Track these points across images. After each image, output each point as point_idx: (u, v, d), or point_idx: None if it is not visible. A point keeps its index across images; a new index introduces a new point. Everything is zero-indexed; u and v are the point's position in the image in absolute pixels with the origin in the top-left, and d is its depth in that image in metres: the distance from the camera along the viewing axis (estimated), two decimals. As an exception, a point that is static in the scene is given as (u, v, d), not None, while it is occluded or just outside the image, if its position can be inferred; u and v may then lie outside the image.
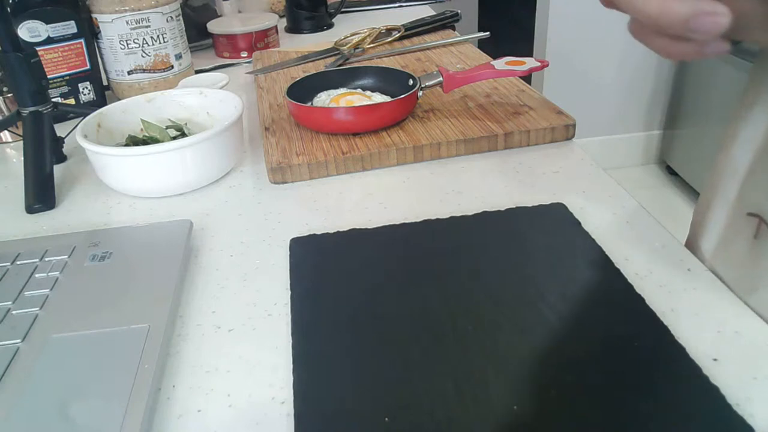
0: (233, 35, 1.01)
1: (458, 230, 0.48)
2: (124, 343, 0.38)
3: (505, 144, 0.61)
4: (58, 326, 0.40)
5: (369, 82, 0.73)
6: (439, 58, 0.88)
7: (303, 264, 0.46)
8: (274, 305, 0.42)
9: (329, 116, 0.63)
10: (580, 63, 2.15)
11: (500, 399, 0.33)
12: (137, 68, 0.84)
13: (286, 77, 0.84)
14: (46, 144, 0.63)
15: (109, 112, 0.64)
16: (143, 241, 0.49)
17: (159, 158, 0.55)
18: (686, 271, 0.42)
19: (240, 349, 0.39)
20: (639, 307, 0.38)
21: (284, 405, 0.34)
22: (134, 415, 0.32)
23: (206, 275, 0.46)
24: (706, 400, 0.32)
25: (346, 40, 0.96)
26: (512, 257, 0.44)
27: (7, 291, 0.43)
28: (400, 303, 0.40)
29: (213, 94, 0.67)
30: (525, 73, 0.66)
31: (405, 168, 0.60)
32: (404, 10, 1.27)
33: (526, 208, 0.50)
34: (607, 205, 0.51)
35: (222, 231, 0.52)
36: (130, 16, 0.80)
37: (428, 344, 0.37)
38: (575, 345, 0.36)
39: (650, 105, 2.28)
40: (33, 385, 0.35)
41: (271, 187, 0.59)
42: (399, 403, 0.33)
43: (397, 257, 0.45)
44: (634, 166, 2.38)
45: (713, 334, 0.36)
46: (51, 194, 0.59)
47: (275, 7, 1.27)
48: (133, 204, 0.58)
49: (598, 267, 0.42)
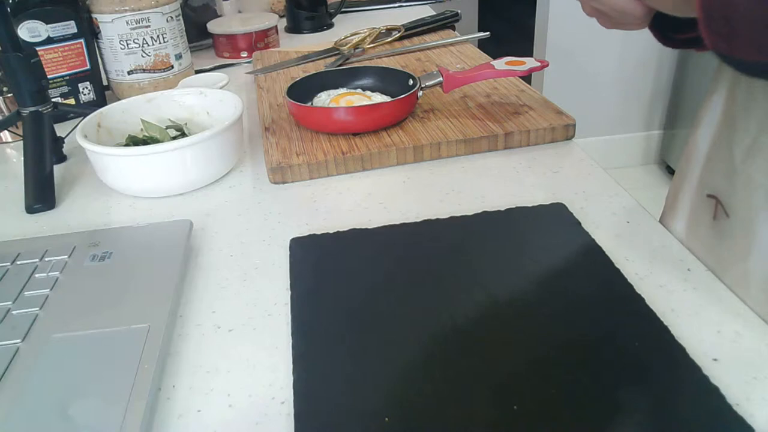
0: (233, 35, 1.01)
1: (458, 230, 0.48)
2: (124, 343, 0.38)
3: (505, 144, 0.61)
4: (58, 326, 0.40)
5: (369, 82, 0.73)
6: (439, 58, 0.88)
7: (303, 264, 0.46)
8: (274, 305, 0.42)
9: (329, 116, 0.63)
10: (580, 63, 2.15)
11: (500, 399, 0.33)
12: (137, 68, 0.84)
13: (286, 77, 0.84)
14: (46, 144, 0.63)
15: (109, 112, 0.64)
16: (143, 241, 0.49)
17: (159, 158, 0.55)
18: (686, 271, 0.42)
19: (240, 349, 0.39)
20: (639, 307, 0.38)
21: (284, 405, 0.34)
22: (134, 415, 0.32)
23: (206, 275, 0.46)
24: (706, 400, 0.32)
25: (346, 40, 0.96)
26: (512, 257, 0.44)
27: (7, 291, 0.43)
28: (400, 303, 0.40)
29: (213, 94, 0.67)
30: (525, 73, 0.66)
31: (405, 168, 0.60)
32: (404, 10, 1.27)
33: (526, 208, 0.50)
34: (607, 205, 0.51)
35: (222, 231, 0.52)
36: (130, 16, 0.80)
37: (428, 344, 0.37)
38: (575, 345, 0.36)
39: (650, 105, 2.28)
40: (33, 385, 0.35)
41: (271, 187, 0.59)
42: (399, 403, 0.33)
43: (397, 257, 0.45)
44: (634, 166, 2.38)
45: (713, 334, 0.36)
46: (51, 194, 0.59)
47: (275, 7, 1.27)
48: (133, 204, 0.58)
49: (598, 267, 0.42)
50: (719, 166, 0.46)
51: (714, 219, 0.46)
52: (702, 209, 0.48)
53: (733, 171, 0.44)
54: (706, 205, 0.47)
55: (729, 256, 0.44)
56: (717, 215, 0.45)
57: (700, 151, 0.49)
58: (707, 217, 0.47)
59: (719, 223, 0.45)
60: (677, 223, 0.51)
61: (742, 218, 0.43)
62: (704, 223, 0.47)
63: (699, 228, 0.48)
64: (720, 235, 0.45)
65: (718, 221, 0.45)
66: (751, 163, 0.42)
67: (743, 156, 0.43)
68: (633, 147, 2.35)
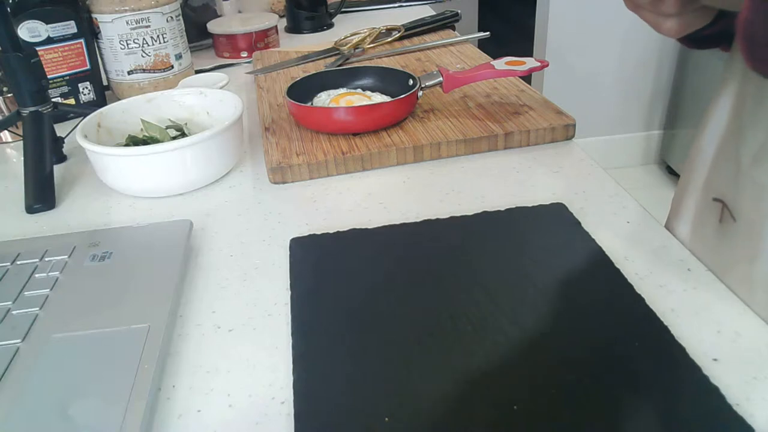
0: (233, 35, 1.01)
1: (458, 230, 0.48)
2: (124, 343, 0.38)
3: (505, 144, 0.61)
4: (58, 326, 0.40)
5: (369, 82, 0.73)
6: (439, 58, 0.88)
7: (303, 264, 0.46)
8: (274, 305, 0.42)
9: (329, 116, 0.63)
10: (580, 63, 2.15)
11: (500, 399, 0.33)
12: (137, 68, 0.84)
13: (286, 77, 0.84)
14: (46, 144, 0.63)
15: (109, 112, 0.64)
16: (143, 241, 0.49)
17: (159, 158, 0.55)
18: (686, 271, 0.42)
19: (240, 349, 0.39)
20: (639, 307, 0.38)
21: (284, 405, 0.34)
22: (134, 415, 0.32)
23: (206, 275, 0.46)
24: (706, 400, 0.32)
25: (346, 40, 0.96)
26: (512, 257, 0.44)
27: (7, 291, 0.43)
28: (399, 303, 0.40)
29: (213, 94, 0.67)
30: (525, 73, 0.66)
31: (405, 168, 0.60)
32: (404, 10, 1.27)
33: (526, 208, 0.50)
34: (607, 205, 0.51)
35: (222, 231, 0.52)
36: (130, 16, 0.80)
37: (428, 344, 0.37)
38: (575, 345, 0.36)
39: (650, 105, 2.28)
40: (33, 385, 0.35)
41: (271, 187, 0.59)
42: (399, 403, 0.33)
43: (397, 257, 0.45)
44: (634, 166, 2.38)
45: (713, 334, 0.36)
46: (51, 194, 0.59)
47: (275, 7, 1.27)
48: (133, 204, 0.58)
49: (598, 267, 0.42)
50: (726, 170, 0.46)
51: (720, 222, 0.45)
52: (708, 212, 0.47)
53: (740, 175, 0.44)
54: (712, 209, 0.47)
55: (733, 259, 0.44)
56: (723, 219, 0.45)
57: (706, 154, 0.48)
58: (713, 220, 0.46)
59: (724, 227, 0.45)
60: (682, 226, 0.51)
61: (749, 222, 0.43)
62: (710, 225, 0.47)
63: (704, 230, 0.47)
64: (725, 239, 0.45)
65: (724, 224, 0.45)
66: (758, 168, 0.42)
67: (751, 161, 0.43)
68: (633, 147, 2.35)
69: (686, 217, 0.50)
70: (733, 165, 0.45)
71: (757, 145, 0.42)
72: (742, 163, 0.44)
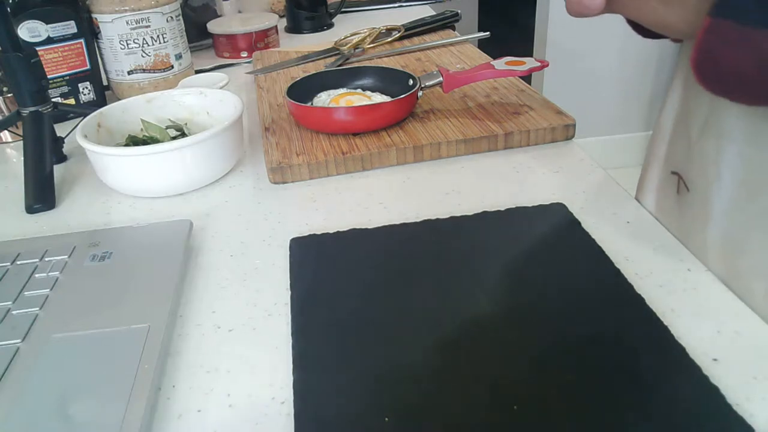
0: (233, 35, 1.01)
1: (458, 230, 0.48)
2: (124, 343, 0.38)
3: (505, 144, 0.61)
4: (58, 326, 0.40)
5: (369, 82, 0.73)
6: (439, 58, 0.88)
7: (303, 264, 0.46)
8: (274, 305, 0.42)
9: (329, 116, 0.63)
10: (580, 63, 2.15)
11: (500, 399, 0.33)
12: (137, 68, 0.84)
13: (286, 77, 0.84)
14: (46, 144, 0.63)
15: (109, 112, 0.64)
16: (143, 241, 0.49)
17: (159, 158, 0.55)
18: (686, 271, 0.42)
19: (240, 349, 0.39)
20: (639, 307, 0.38)
21: (284, 405, 0.34)
22: (134, 415, 0.32)
23: (206, 275, 0.46)
24: (706, 400, 0.32)
25: (346, 40, 0.96)
26: (512, 257, 0.44)
27: (7, 291, 0.43)
28: (399, 303, 0.40)
29: (213, 94, 0.67)
30: (525, 73, 0.66)
31: (405, 168, 0.60)
32: (404, 10, 1.27)
33: (526, 208, 0.50)
34: (607, 205, 0.51)
35: (222, 231, 0.52)
36: (130, 16, 0.80)
37: (428, 344, 0.37)
38: (575, 345, 0.36)
39: (650, 105, 2.28)
40: (33, 385, 0.35)
41: (271, 187, 0.59)
42: (399, 403, 0.33)
43: (397, 257, 0.45)
44: (634, 166, 2.38)
45: (713, 334, 0.36)
46: (51, 194, 0.59)
47: (275, 7, 1.27)
48: (133, 204, 0.58)
49: (598, 267, 0.42)
50: (680, 144, 0.49)
51: (677, 193, 0.49)
52: (667, 185, 0.51)
53: (690, 148, 0.47)
54: (670, 181, 0.51)
55: (691, 227, 0.47)
56: (680, 190, 0.49)
57: (665, 131, 0.52)
58: (672, 191, 0.50)
59: (682, 197, 0.49)
60: (648, 198, 0.54)
61: (700, 191, 0.46)
62: (670, 197, 0.50)
63: (666, 202, 0.51)
64: (683, 208, 0.48)
65: (681, 195, 0.49)
66: (704, 140, 0.46)
67: (698, 133, 0.46)
68: (633, 147, 2.35)
69: (650, 189, 0.54)
70: (685, 139, 0.48)
71: (702, 119, 0.46)
72: (692, 136, 0.47)
